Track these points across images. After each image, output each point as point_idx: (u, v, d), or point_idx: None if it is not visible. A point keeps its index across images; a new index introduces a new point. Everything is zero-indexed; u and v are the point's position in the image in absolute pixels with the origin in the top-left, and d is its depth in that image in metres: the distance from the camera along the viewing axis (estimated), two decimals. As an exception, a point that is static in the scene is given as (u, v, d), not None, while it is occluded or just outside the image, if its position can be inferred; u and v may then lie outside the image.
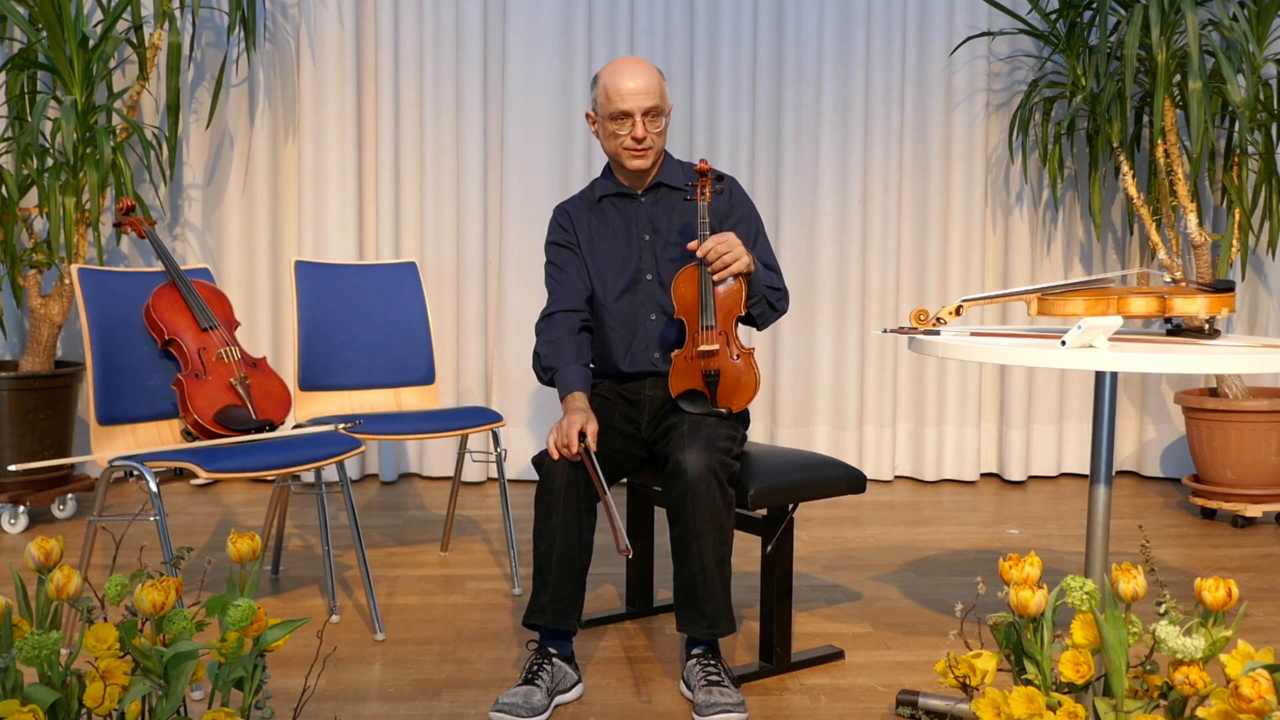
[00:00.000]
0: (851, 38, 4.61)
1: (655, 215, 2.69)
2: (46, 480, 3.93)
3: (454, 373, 4.63)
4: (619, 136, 2.59)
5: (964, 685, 1.78)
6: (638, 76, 2.56)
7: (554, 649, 2.47)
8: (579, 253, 2.70)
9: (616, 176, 2.72)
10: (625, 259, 2.68)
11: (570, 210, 2.75)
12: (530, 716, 2.32)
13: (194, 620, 1.71)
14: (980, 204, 4.69)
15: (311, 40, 4.48)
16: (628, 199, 2.71)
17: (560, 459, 2.42)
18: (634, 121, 2.57)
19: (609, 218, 2.71)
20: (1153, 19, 3.84)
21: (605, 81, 2.59)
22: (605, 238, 2.70)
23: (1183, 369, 2.14)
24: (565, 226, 2.73)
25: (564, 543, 2.44)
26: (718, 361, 2.51)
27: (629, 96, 2.55)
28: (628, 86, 2.55)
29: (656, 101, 2.57)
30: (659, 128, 2.61)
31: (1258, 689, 1.51)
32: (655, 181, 2.70)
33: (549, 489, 2.44)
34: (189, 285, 3.00)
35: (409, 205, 4.59)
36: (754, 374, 2.53)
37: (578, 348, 2.62)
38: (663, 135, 2.64)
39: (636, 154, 2.60)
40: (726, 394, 2.53)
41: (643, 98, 2.55)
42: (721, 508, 2.39)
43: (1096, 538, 2.42)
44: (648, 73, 2.57)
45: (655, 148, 2.62)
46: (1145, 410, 4.87)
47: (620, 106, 2.56)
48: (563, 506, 2.42)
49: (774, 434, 4.74)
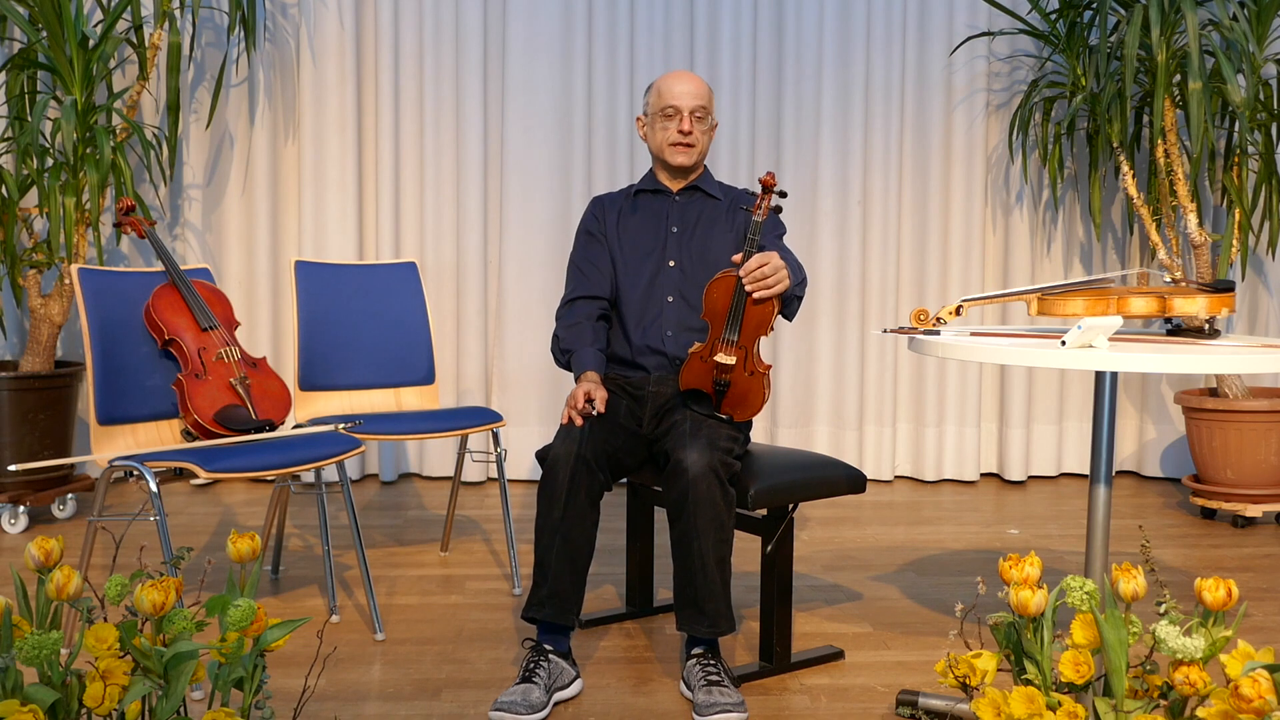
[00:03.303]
0: (851, 38, 4.61)
1: (686, 213, 2.79)
2: (46, 480, 3.93)
3: (454, 373, 4.63)
4: (667, 130, 2.73)
5: (964, 685, 1.78)
6: (691, 81, 2.76)
7: (550, 645, 2.48)
8: (606, 244, 2.79)
9: (657, 177, 2.83)
10: (651, 245, 2.76)
11: (606, 201, 2.87)
12: (530, 713, 2.33)
13: (194, 620, 1.71)
14: (980, 204, 4.69)
15: (311, 40, 4.48)
16: (662, 196, 2.82)
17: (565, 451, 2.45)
18: (682, 116, 2.71)
19: (641, 209, 2.82)
20: (1153, 19, 3.84)
21: (659, 84, 2.76)
22: (634, 225, 2.80)
23: (1183, 369, 2.14)
24: (598, 216, 2.84)
25: (565, 537, 2.45)
26: (731, 375, 2.53)
27: (680, 95, 2.72)
28: (680, 87, 2.72)
29: (705, 103, 2.75)
30: (704, 128, 2.75)
31: (1258, 689, 1.51)
32: (692, 185, 2.81)
33: (552, 483, 2.46)
34: (189, 285, 3.00)
35: (409, 205, 4.59)
36: (764, 393, 2.54)
37: (595, 333, 2.71)
38: (707, 137, 2.77)
39: (681, 148, 2.73)
40: (732, 404, 2.56)
41: (692, 97, 2.72)
42: (722, 507, 2.40)
43: (1096, 538, 2.42)
44: (699, 81, 2.78)
45: (699, 147, 2.75)
46: (1145, 410, 4.87)
47: (671, 102, 2.72)
48: (565, 501, 2.44)
49: (774, 434, 4.74)
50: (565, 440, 2.47)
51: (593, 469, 2.46)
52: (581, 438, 2.46)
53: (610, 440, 2.53)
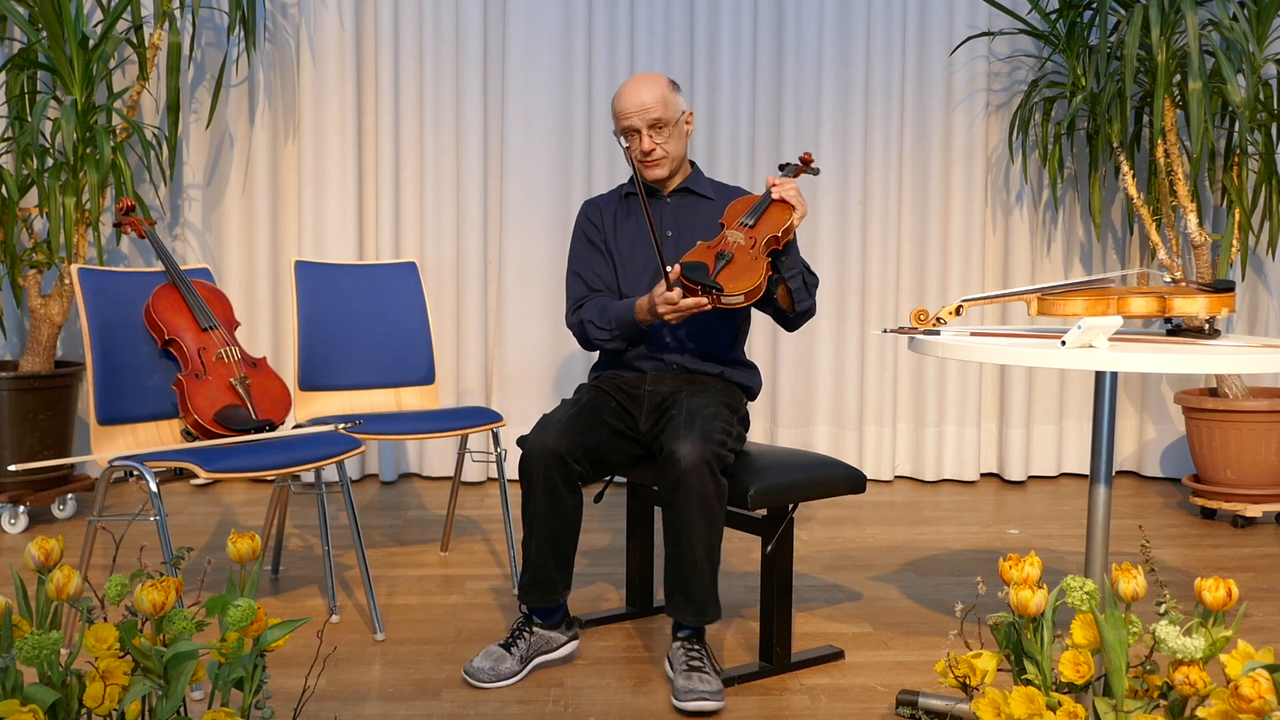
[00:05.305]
0: (851, 38, 4.61)
1: (680, 217, 2.78)
2: (46, 480, 3.93)
3: (454, 373, 4.63)
4: (632, 150, 2.71)
5: (964, 685, 1.78)
6: (639, 94, 2.68)
7: (539, 620, 2.60)
8: (605, 250, 2.79)
9: (648, 182, 2.82)
10: (649, 251, 2.74)
11: (600, 204, 2.86)
12: (493, 682, 2.50)
13: (194, 620, 1.71)
14: (980, 204, 4.69)
15: (311, 40, 4.48)
16: (654, 198, 2.80)
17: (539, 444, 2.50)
18: (640, 136, 2.68)
19: (635, 211, 2.80)
20: (1153, 19, 3.84)
21: (614, 101, 2.74)
22: (629, 230, 2.79)
23: (1183, 369, 2.14)
24: (594, 222, 2.83)
25: (544, 525, 2.52)
26: (736, 249, 2.54)
27: (631, 115, 2.68)
28: (630, 105, 2.69)
29: (659, 114, 2.67)
30: (665, 138, 2.69)
31: (1258, 689, 1.51)
32: (682, 186, 2.80)
33: (527, 476, 2.52)
34: (189, 285, 3.00)
35: (409, 205, 4.59)
36: (762, 277, 2.50)
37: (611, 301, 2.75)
38: (676, 142, 2.73)
39: (648, 164, 2.72)
40: (729, 276, 2.50)
41: (644, 113, 2.67)
42: (713, 498, 2.43)
43: (1096, 538, 2.42)
44: (649, 88, 2.68)
45: (669, 156, 2.72)
46: (1145, 410, 4.87)
47: (625, 124, 2.70)
48: (541, 492, 2.50)
49: (774, 434, 4.74)
50: (540, 433, 2.51)
51: (567, 462, 2.48)
52: (558, 431, 2.50)
53: (590, 434, 2.55)
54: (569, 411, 2.57)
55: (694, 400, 2.57)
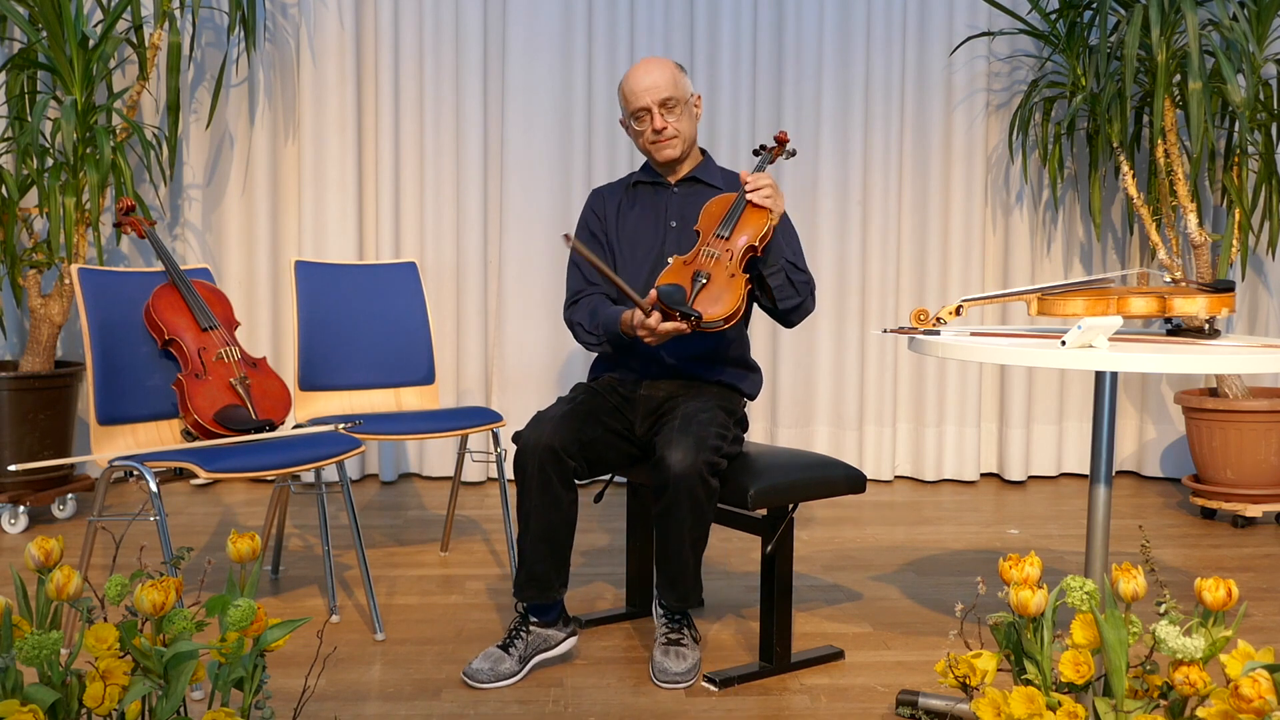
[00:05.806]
0: (851, 38, 4.61)
1: (685, 206, 2.76)
2: (46, 480, 3.93)
3: (454, 373, 4.63)
4: (642, 133, 2.71)
5: (964, 685, 1.78)
6: (649, 74, 2.67)
7: (535, 617, 2.60)
8: (605, 242, 2.79)
9: (654, 169, 2.81)
10: (650, 241, 2.74)
11: (605, 194, 2.85)
12: (493, 683, 2.50)
13: (194, 620, 1.71)
14: (980, 204, 4.69)
15: (311, 40, 4.48)
16: (661, 187, 2.79)
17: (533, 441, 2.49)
18: (651, 115, 2.68)
19: (640, 201, 2.80)
20: (1153, 19, 3.84)
21: (622, 86, 2.72)
22: (633, 218, 2.79)
23: (1183, 369, 2.15)
24: (597, 213, 2.82)
25: (539, 521, 2.53)
26: (712, 268, 2.52)
27: (642, 94, 2.67)
28: (640, 85, 2.67)
29: (670, 93, 2.67)
30: (676, 116, 2.69)
31: (1258, 689, 1.51)
32: (690, 175, 2.78)
33: (522, 473, 2.52)
34: (189, 285, 3.00)
35: (409, 205, 4.59)
36: (739, 298, 2.49)
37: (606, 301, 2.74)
38: (688, 123, 2.72)
39: (661, 144, 2.71)
40: (705, 300, 2.49)
41: (655, 92, 2.66)
42: (704, 501, 2.46)
43: (1096, 538, 2.42)
44: (659, 68, 2.68)
45: (681, 136, 2.71)
46: (1145, 410, 4.87)
47: (636, 104, 2.69)
48: (536, 487, 2.50)
49: (774, 434, 4.74)
50: (535, 428, 2.51)
51: (561, 457, 2.49)
52: (552, 426, 2.50)
53: (585, 430, 2.55)
54: (564, 408, 2.57)
55: (690, 405, 2.57)
